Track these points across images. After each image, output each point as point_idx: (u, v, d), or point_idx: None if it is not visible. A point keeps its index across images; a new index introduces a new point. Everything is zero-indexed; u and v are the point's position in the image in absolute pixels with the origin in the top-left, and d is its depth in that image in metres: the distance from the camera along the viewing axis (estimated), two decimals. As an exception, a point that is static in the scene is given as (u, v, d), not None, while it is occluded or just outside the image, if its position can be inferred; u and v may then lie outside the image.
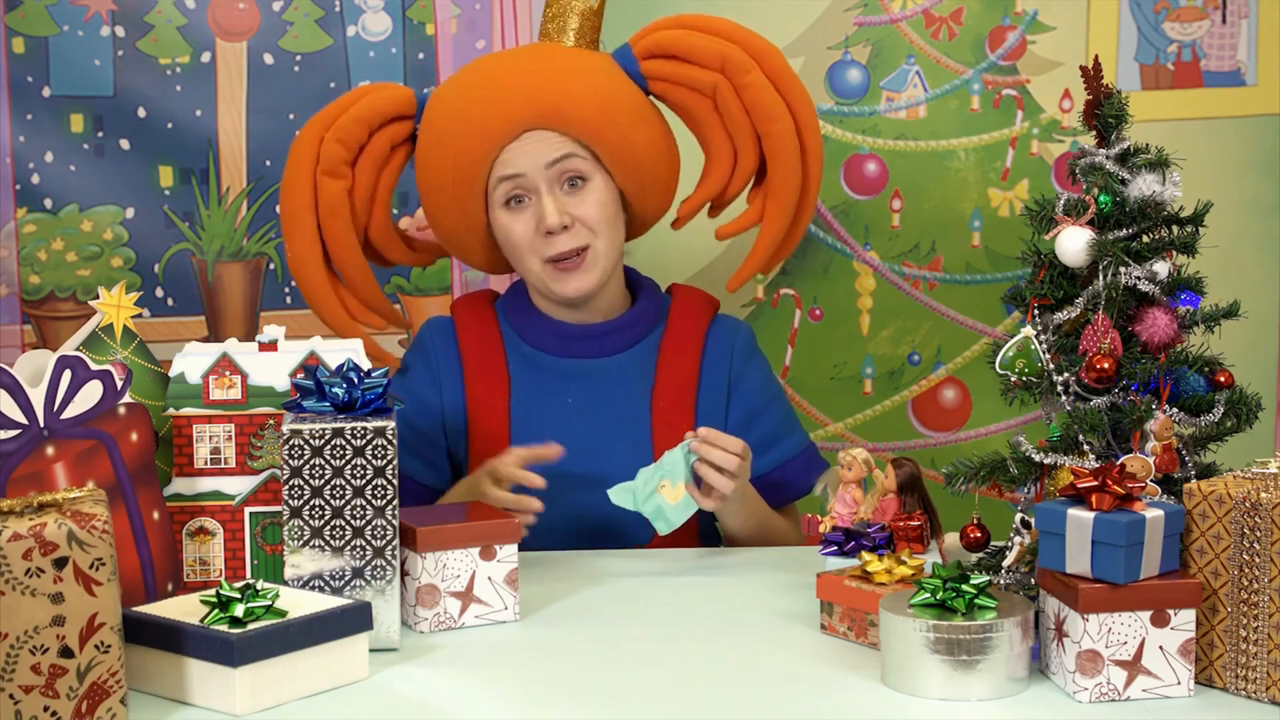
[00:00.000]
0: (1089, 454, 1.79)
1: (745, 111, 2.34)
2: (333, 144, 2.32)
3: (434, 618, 1.90)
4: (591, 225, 2.28)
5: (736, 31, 2.37)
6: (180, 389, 1.92)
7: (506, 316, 2.40)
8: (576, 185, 2.28)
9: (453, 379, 2.36)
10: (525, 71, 2.30)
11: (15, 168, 2.80)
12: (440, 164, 2.30)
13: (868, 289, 2.86)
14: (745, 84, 2.33)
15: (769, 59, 2.35)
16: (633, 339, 2.37)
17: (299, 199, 2.34)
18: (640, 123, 2.32)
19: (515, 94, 2.26)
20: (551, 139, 2.26)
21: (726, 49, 2.33)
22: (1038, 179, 2.81)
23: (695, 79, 2.34)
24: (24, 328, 2.84)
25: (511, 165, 2.26)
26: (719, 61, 2.33)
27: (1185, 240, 1.85)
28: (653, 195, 2.36)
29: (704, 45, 2.34)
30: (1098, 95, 1.92)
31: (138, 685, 1.67)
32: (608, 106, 2.28)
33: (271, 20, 2.82)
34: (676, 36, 2.35)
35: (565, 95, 2.26)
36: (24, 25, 2.79)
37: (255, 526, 1.92)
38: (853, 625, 1.83)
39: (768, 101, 2.33)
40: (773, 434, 2.38)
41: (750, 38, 2.37)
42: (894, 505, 1.96)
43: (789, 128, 2.35)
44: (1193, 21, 2.80)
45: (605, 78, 2.32)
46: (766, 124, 2.34)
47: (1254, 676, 1.63)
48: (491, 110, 2.26)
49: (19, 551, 1.51)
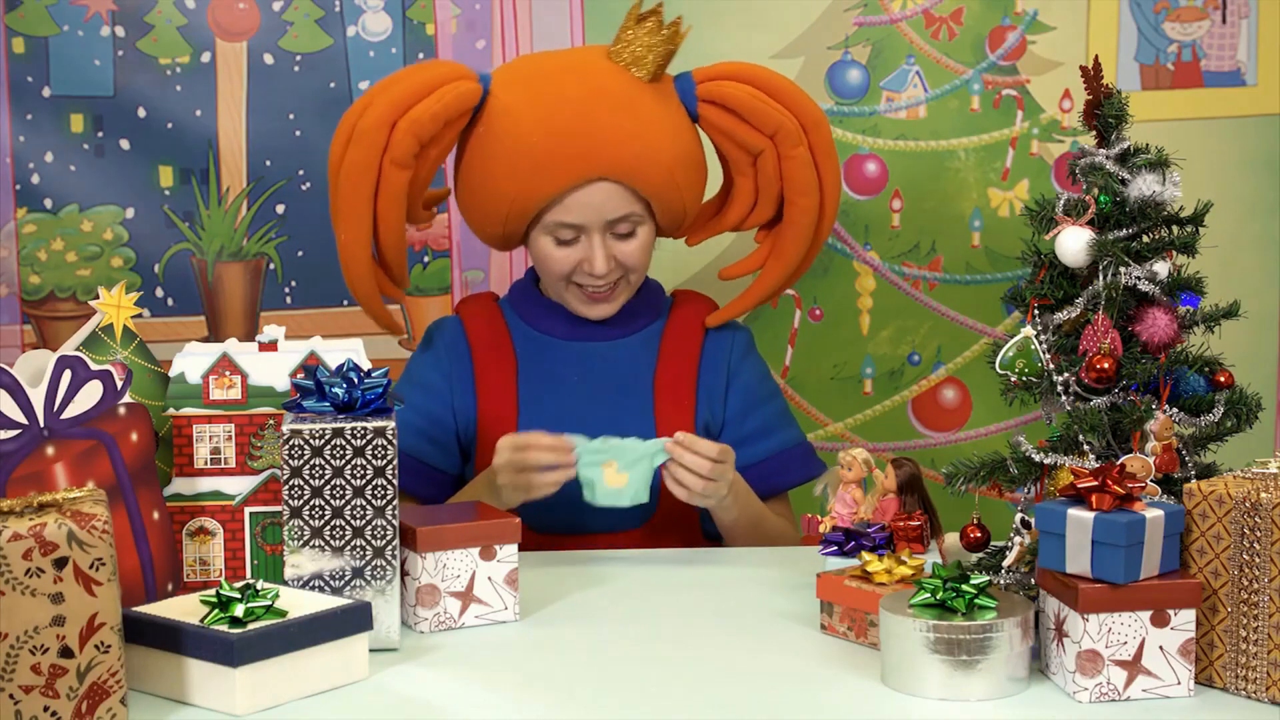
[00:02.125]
0: (1089, 454, 1.79)
1: (779, 178, 2.38)
2: (408, 137, 2.27)
3: (434, 618, 1.90)
4: (629, 264, 2.35)
5: (796, 99, 2.39)
6: (180, 389, 1.92)
7: (513, 308, 2.45)
8: (625, 236, 2.33)
9: (463, 365, 2.40)
10: (601, 123, 2.28)
11: (15, 168, 2.80)
12: (504, 188, 2.30)
13: (868, 289, 2.86)
14: (790, 156, 2.37)
15: (818, 131, 2.39)
16: (637, 325, 2.42)
17: (363, 187, 2.28)
18: (698, 180, 2.39)
19: (590, 148, 2.27)
20: (615, 193, 2.29)
21: (783, 120, 2.35)
22: (1038, 179, 2.81)
23: (747, 140, 2.37)
24: (24, 328, 2.84)
25: (572, 215, 2.30)
26: (773, 129, 2.36)
27: (1185, 240, 1.85)
28: (685, 224, 2.44)
29: (765, 111, 2.35)
30: (1098, 95, 1.92)
31: (138, 685, 1.67)
32: (674, 171, 2.32)
33: (271, 20, 2.82)
34: (742, 96, 2.35)
35: (639, 158, 2.29)
36: (24, 25, 2.79)
37: (255, 526, 1.92)
38: (853, 625, 1.83)
39: (805, 177, 2.38)
40: (768, 426, 2.42)
41: (806, 106, 2.39)
42: (894, 505, 1.96)
43: (815, 204, 2.40)
44: (1193, 21, 2.80)
45: (678, 139, 2.34)
46: (798, 197, 2.39)
47: (1254, 676, 1.63)
48: (563, 160, 2.27)
49: (19, 551, 1.50)
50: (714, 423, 2.39)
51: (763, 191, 2.40)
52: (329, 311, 2.86)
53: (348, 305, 2.85)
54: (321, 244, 2.82)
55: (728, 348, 2.43)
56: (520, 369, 2.38)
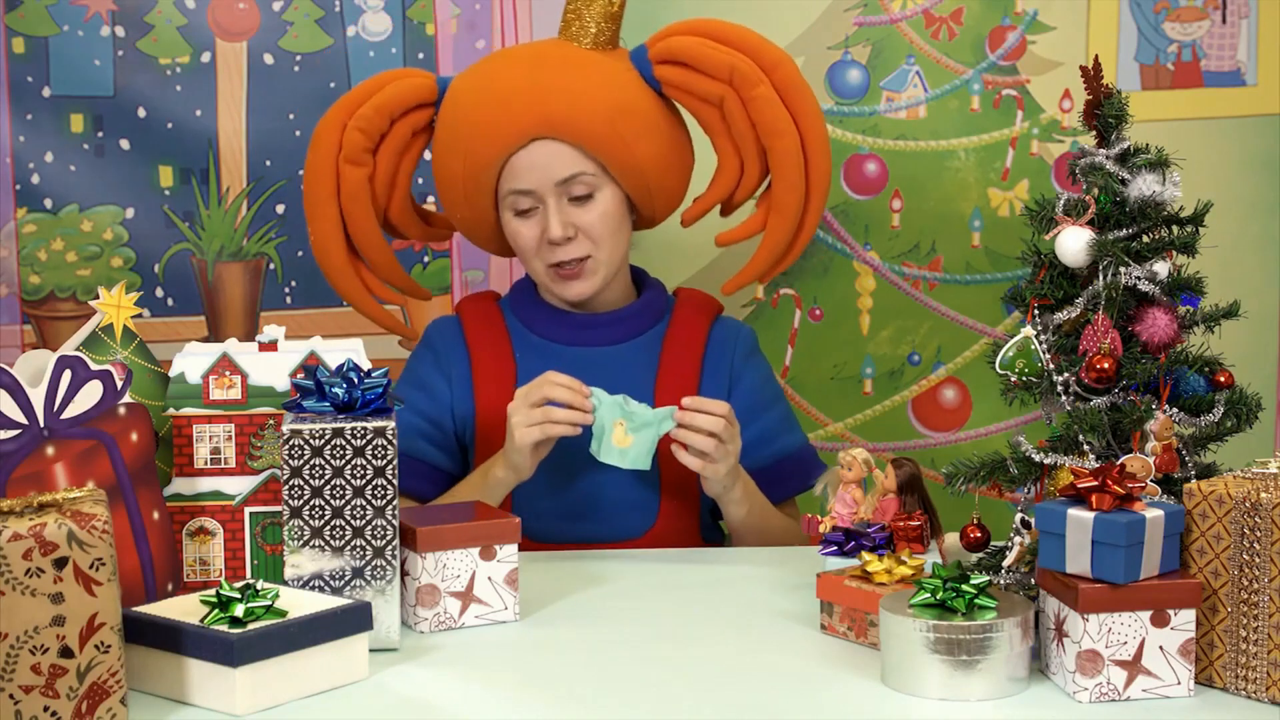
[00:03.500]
0: (1089, 454, 1.79)
1: (751, 124, 2.34)
2: (354, 133, 2.36)
3: (434, 618, 1.90)
4: (594, 237, 2.32)
5: (749, 40, 2.36)
6: (180, 389, 1.92)
7: (513, 310, 2.44)
8: (582, 199, 2.31)
9: (461, 372, 2.39)
10: (535, 81, 2.30)
11: (15, 168, 2.80)
12: (452, 164, 2.34)
13: (868, 289, 2.86)
14: (752, 97, 2.33)
15: (780, 70, 2.35)
16: (638, 329, 2.40)
17: (322, 186, 2.39)
18: (647, 134, 2.33)
19: (524, 105, 2.28)
20: (560, 150, 2.28)
21: (736, 60, 2.32)
22: (1038, 179, 2.81)
23: (704, 89, 2.34)
24: (24, 328, 2.84)
25: (521, 180, 2.30)
26: (728, 73, 2.33)
27: (1185, 240, 1.85)
28: (660, 200, 2.38)
29: (714, 55, 2.33)
30: (1098, 95, 1.92)
31: (138, 685, 1.67)
32: (614, 120, 2.29)
33: (271, 20, 2.82)
34: (689, 45, 2.34)
35: (572, 108, 2.28)
36: (24, 25, 2.79)
37: (255, 526, 1.92)
38: (853, 625, 1.83)
39: (773, 116, 2.33)
40: (772, 431, 2.40)
41: (763, 47, 2.36)
42: (894, 505, 1.96)
43: (794, 143, 2.35)
44: (1193, 21, 2.80)
45: (616, 88, 2.32)
46: (771, 139, 2.34)
47: (1254, 676, 1.63)
48: (500, 120, 2.28)
49: (19, 551, 1.50)
50: None
51: (742, 147, 2.36)
52: (329, 311, 2.86)
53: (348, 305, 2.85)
54: (321, 244, 2.83)
55: (730, 351, 2.40)
56: (519, 374, 2.36)
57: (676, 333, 2.41)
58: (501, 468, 2.22)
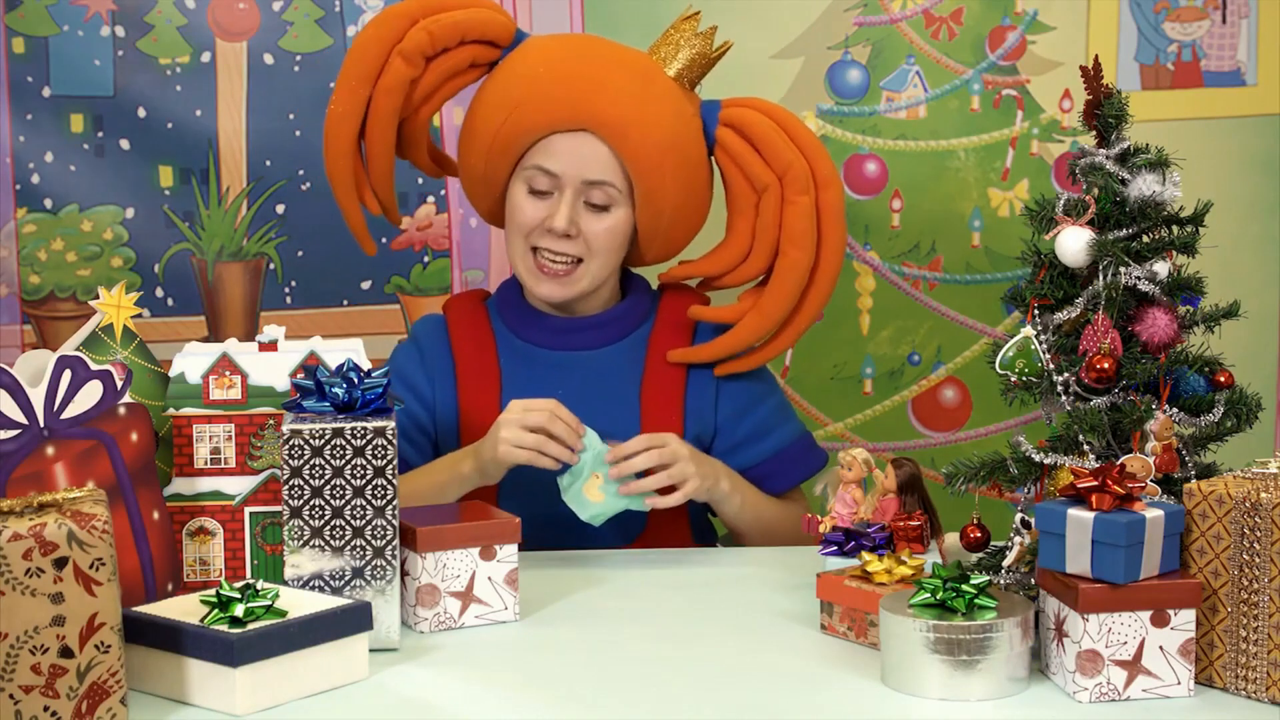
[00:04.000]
0: (1089, 454, 1.79)
1: (778, 225, 2.34)
2: (422, 33, 2.30)
3: (434, 618, 1.90)
4: (594, 247, 2.30)
5: (815, 149, 2.37)
6: (180, 389, 1.92)
7: (499, 312, 2.41)
8: (598, 209, 2.30)
9: (445, 374, 2.37)
10: (613, 76, 2.29)
11: (15, 168, 2.80)
12: (493, 115, 2.30)
13: (868, 289, 2.86)
14: (793, 201, 2.33)
15: (829, 190, 2.35)
16: (623, 331, 2.38)
17: (366, 64, 2.31)
18: (685, 179, 2.33)
19: (591, 93, 2.26)
20: (600, 152, 2.27)
21: (796, 160, 2.33)
22: (1038, 179, 2.81)
23: (755, 172, 2.34)
24: (24, 328, 2.84)
25: (552, 160, 2.28)
26: (784, 168, 2.33)
27: (1185, 240, 1.85)
28: (660, 243, 2.38)
29: (779, 146, 2.33)
30: (1098, 95, 1.92)
31: (138, 685, 1.67)
32: (664, 150, 2.29)
33: (271, 20, 2.82)
34: (762, 125, 2.34)
35: (635, 121, 2.27)
36: (24, 25, 2.79)
37: (255, 526, 1.92)
38: (853, 625, 1.83)
39: (803, 229, 2.33)
40: (766, 425, 2.39)
41: (824, 160, 2.37)
42: (894, 505, 1.96)
43: (807, 261, 2.34)
44: (1193, 21, 2.80)
45: (679, 124, 2.32)
46: (790, 248, 2.34)
47: (1254, 676, 1.63)
48: (562, 95, 2.26)
49: (19, 551, 1.50)
50: (704, 431, 2.35)
51: (759, 238, 2.35)
52: (329, 311, 2.86)
53: (348, 305, 2.85)
54: (322, 244, 2.82)
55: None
56: (504, 378, 2.35)
57: (662, 331, 2.39)
58: (471, 468, 2.20)
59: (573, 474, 2.16)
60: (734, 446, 2.34)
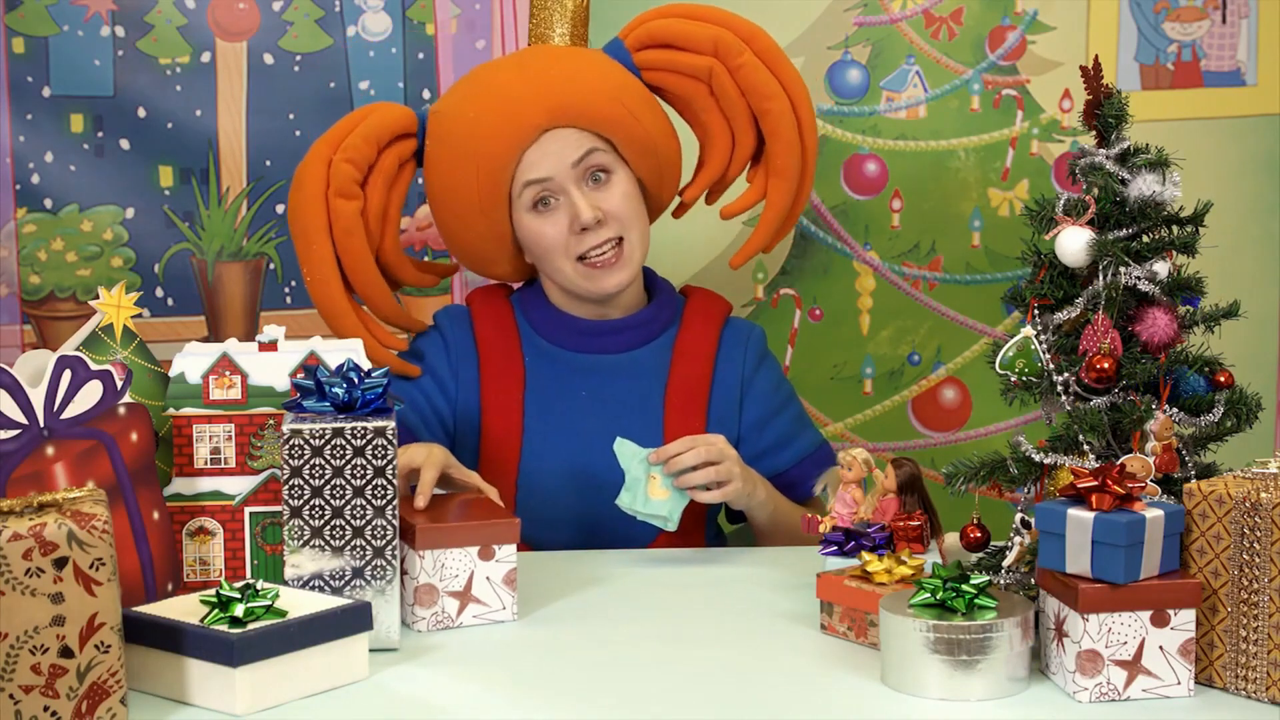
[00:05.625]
0: (1089, 454, 1.79)
1: (741, 92, 2.36)
2: (343, 164, 2.30)
3: (431, 617, 1.90)
4: (621, 218, 2.30)
5: (723, 15, 2.40)
6: (180, 389, 1.92)
7: (523, 310, 2.40)
8: (600, 180, 2.30)
9: (469, 366, 2.36)
10: (531, 76, 2.30)
11: (15, 168, 2.80)
12: (464, 178, 2.29)
13: (868, 289, 2.85)
14: (739, 65, 2.35)
15: (757, 40, 2.38)
16: (648, 335, 2.38)
17: (314, 221, 2.31)
18: (649, 109, 2.36)
19: (529, 97, 2.27)
20: (571, 136, 2.27)
21: (718, 33, 2.36)
22: (1038, 179, 2.81)
23: (690, 65, 2.36)
24: (24, 328, 2.84)
25: (537, 169, 2.27)
26: (711, 45, 2.36)
27: (1185, 240, 1.85)
28: (668, 179, 2.39)
29: (695, 31, 2.36)
30: (1098, 95, 1.92)
31: (138, 685, 1.67)
32: (620, 96, 2.31)
33: (271, 20, 2.82)
34: (668, 24, 2.38)
35: (578, 92, 2.28)
36: (24, 25, 2.79)
37: (255, 526, 1.92)
38: (853, 625, 1.83)
39: (762, 80, 2.36)
40: (787, 434, 2.40)
41: (737, 21, 2.39)
42: (894, 505, 1.96)
43: (785, 104, 2.37)
44: (1193, 21, 2.80)
45: (609, 69, 2.35)
46: (763, 102, 2.36)
47: (1254, 676, 1.63)
48: (508, 117, 2.26)
49: (19, 551, 1.51)
50: (729, 438, 2.29)
51: (733, 118, 2.38)
52: (329, 311, 2.86)
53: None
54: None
55: (741, 357, 2.38)
56: (528, 380, 2.34)
57: (687, 338, 2.38)
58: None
59: (630, 487, 2.15)
60: (759, 454, 2.34)
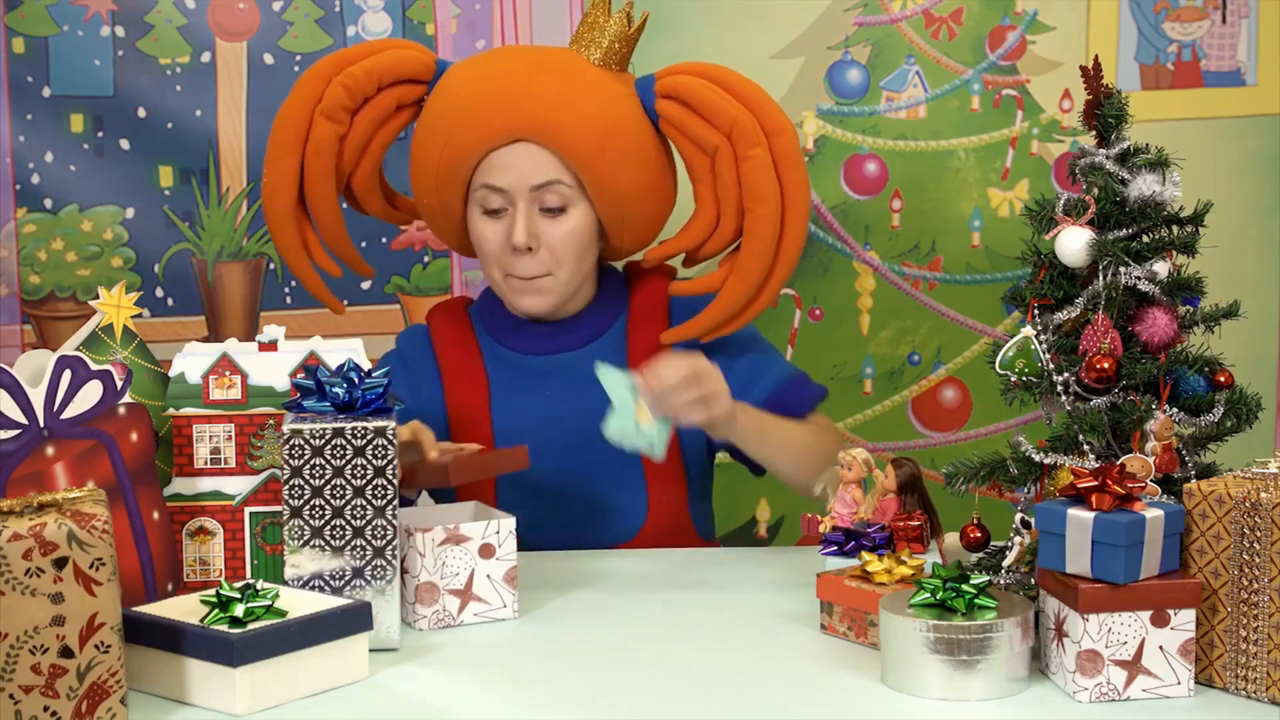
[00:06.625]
0: (1089, 454, 1.79)
1: (738, 183, 2.28)
2: (338, 88, 2.29)
3: (433, 615, 1.91)
4: (557, 254, 2.27)
5: (757, 98, 2.30)
6: (180, 389, 1.92)
7: (481, 319, 2.40)
8: (554, 212, 2.27)
9: (430, 383, 2.36)
10: (533, 82, 2.26)
11: (15, 168, 2.80)
12: (431, 148, 2.29)
13: (868, 289, 2.86)
14: (746, 156, 2.27)
15: (781, 138, 2.28)
16: (601, 327, 2.36)
17: (290, 131, 2.31)
18: (634, 162, 2.28)
19: (516, 103, 2.24)
20: (540, 156, 2.24)
21: (740, 115, 2.26)
22: (1038, 179, 2.81)
23: (701, 135, 2.28)
24: (24, 328, 2.84)
25: (497, 176, 2.25)
26: (729, 125, 2.26)
27: (1185, 240, 1.85)
28: (630, 233, 2.33)
29: (720, 104, 2.27)
30: (1098, 95, 1.92)
31: (138, 685, 1.67)
32: (604, 139, 2.24)
33: (271, 20, 2.82)
34: (697, 87, 2.28)
35: (567, 120, 2.23)
36: (24, 25, 2.79)
37: (255, 526, 1.92)
38: (853, 625, 1.83)
39: (762, 181, 2.27)
40: (754, 369, 2.34)
41: (769, 109, 2.30)
42: (894, 505, 1.96)
43: (775, 214, 2.28)
44: (1193, 21, 2.80)
45: (613, 108, 2.27)
46: (754, 203, 2.27)
47: (1254, 676, 1.63)
48: (489, 112, 2.24)
49: (19, 551, 1.50)
50: None
51: (723, 201, 2.29)
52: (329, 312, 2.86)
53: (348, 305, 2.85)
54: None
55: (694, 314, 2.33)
56: (492, 388, 2.34)
57: (638, 316, 2.36)
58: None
59: (619, 415, 2.05)
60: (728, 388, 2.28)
